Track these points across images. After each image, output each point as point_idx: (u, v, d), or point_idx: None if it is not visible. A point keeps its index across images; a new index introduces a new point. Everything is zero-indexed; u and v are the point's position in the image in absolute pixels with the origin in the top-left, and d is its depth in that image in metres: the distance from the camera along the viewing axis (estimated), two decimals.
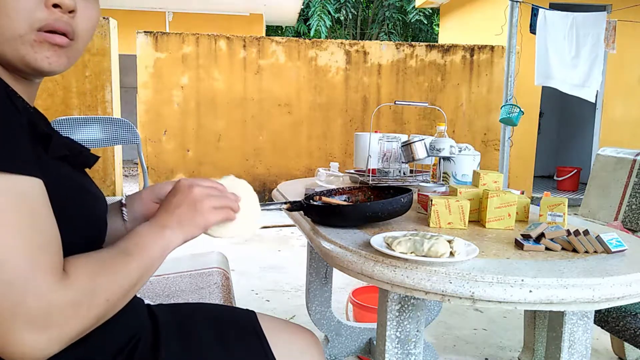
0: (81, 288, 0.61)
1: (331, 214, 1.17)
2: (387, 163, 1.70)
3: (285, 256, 3.71)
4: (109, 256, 0.69)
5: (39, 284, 0.57)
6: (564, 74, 4.30)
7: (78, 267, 0.63)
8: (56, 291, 0.58)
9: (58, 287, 0.58)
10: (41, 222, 0.60)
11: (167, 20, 8.41)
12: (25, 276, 0.56)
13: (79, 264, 0.64)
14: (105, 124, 2.88)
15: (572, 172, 6.63)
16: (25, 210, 0.58)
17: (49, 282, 0.58)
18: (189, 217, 0.78)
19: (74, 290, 0.60)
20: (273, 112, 5.62)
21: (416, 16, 12.56)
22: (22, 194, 0.58)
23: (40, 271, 0.57)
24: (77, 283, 0.61)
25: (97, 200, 0.78)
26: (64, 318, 0.59)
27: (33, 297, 0.56)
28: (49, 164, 0.66)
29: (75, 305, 0.60)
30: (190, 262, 1.67)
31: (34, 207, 0.60)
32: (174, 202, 0.79)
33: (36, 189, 0.60)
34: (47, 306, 0.57)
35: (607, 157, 2.29)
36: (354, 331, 2.00)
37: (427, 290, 0.85)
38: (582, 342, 1.06)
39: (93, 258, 0.67)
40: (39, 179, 0.61)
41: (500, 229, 1.20)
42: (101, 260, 0.67)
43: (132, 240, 0.73)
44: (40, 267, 0.57)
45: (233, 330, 0.95)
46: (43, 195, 0.61)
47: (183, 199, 0.79)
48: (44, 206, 0.61)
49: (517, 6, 4.19)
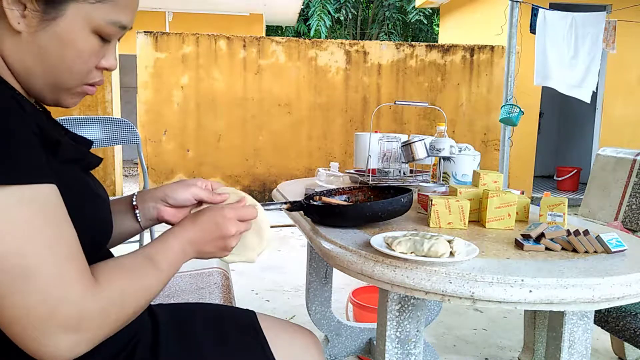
0: (112, 297, 0.64)
1: (331, 214, 1.17)
2: (387, 163, 1.70)
3: (285, 256, 3.71)
4: (139, 266, 0.71)
5: (72, 292, 0.59)
6: (562, 74, 4.30)
7: (110, 276, 0.66)
8: (88, 299, 0.61)
9: (90, 295, 0.61)
10: (64, 228, 0.62)
11: (167, 20, 8.41)
12: (59, 285, 0.59)
13: (110, 273, 0.66)
14: (105, 124, 2.88)
15: (572, 172, 6.63)
16: (50, 219, 0.60)
17: (81, 290, 0.60)
18: (215, 250, 0.83)
19: (105, 299, 0.63)
20: (273, 112, 5.62)
21: (416, 16, 12.56)
22: (45, 202, 0.60)
23: (72, 279, 0.60)
24: (108, 292, 0.64)
25: (103, 202, 0.79)
26: (95, 324, 0.62)
27: (66, 305, 0.59)
28: (57, 168, 0.66)
29: (104, 312, 0.63)
30: (190, 262, 1.67)
31: (57, 213, 0.61)
32: (213, 231, 0.81)
33: (54, 194, 0.62)
34: (80, 313, 0.60)
35: (607, 157, 2.29)
36: (354, 331, 2.00)
37: (427, 290, 0.85)
38: (582, 342, 1.06)
39: (125, 267, 0.69)
40: (54, 184, 0.62)
41: (500, 229, 1.20)
42: (132, 270, 0.70)
43: (163, 253, 0.76)
44: (71, 275, 0.60)
45: (233, 331, 0.95)
46: (60, 200, 0.63)
47: (220, 234, 0.81)
48: (63, 211, 0.63)
49: (517, 6, 4.19)
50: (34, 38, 0.67)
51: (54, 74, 0.70)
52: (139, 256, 0.73)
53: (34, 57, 0.68)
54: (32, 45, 0.68)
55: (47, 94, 0.73)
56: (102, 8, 0.70)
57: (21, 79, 0.70)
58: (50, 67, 0.69)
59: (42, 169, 0.61)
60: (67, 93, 0.74)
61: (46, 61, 0.69)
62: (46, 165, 0.62)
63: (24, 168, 0.59)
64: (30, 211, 0.58)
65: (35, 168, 0.60)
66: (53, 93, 0.73)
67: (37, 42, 0.68)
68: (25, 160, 0.59)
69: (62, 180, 0.65)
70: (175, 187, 0.91)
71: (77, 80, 0.73)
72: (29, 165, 0.59)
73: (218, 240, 0.81)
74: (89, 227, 0.71)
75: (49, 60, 0.69)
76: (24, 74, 0.70)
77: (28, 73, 0.69)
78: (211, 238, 0.81)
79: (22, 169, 0.58)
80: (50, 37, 0.68)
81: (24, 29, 0.67)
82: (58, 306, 0.58)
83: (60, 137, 0.70)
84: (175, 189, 0.91)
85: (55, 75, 0.70)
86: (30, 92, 0.73)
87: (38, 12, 0.66)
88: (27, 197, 0.58)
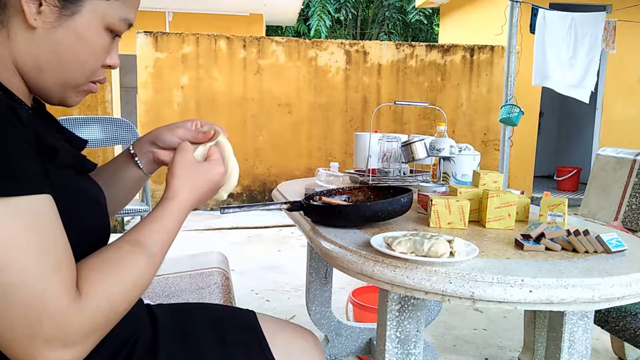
0: (98, 304, 0.62)
1: (331, 214, 1.17)
2: (387, 163, 1.70)
3: (285, 256, 3.71)
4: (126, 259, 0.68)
5: (54, 307, 0.58)
6: (560, 74, 4.30)
7: (94, 282, 0.63)
8: (72, 312, 0.59)
9: (73, 308, 0.59)
10: (54, 239, 0.61)
11: (167, 20, 8.40)
12: (40, 300, 0.57)
13: (95, 278, 0.63)
14: (105, 124, 2.88)
15: (572, 172, 6.63)
16: (39, 231, 0.59)
17: (64, 304, 0.59)
18: (208, 197, 0.83)
19: (90, 309, 0.61)
20: (273, 112, 5.62)
21: (416, 16, 12.56)
22: (35, 214, 0.59)
23: (54, 294, 0.58)
24: (93, 300, 0.62)
25: (100, 207, 0.78)
26: (83, 334, 0.60)
27: (49, 320, 0.57)
28: (53, 174, 0.66)
29: (91, 321, 0.61)
30: (190, 262, 1.67)
31: (47, 225, 0.60)
32: (200, 180, 0.81)
33: (47, 205, 0.61)
34: (64, 327, 0.58)
35: (607, 157, 2.29)
36: (354, 331, 2.00)
37: (427, 290, 0.85)
38: (582, 342, 1.06)
39: (110, 264, 0.66)
40: (48, 193, 0.62)
41: (500, 229, 1.20)
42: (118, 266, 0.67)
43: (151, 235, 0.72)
44: (54, 290, 0.58)
45: (233, 331, 0.95)
46: (53, 210, 0.62)
47: (207, 181, 0.81)
48: (55, 222, 0.62)
49: (517, 6, 4.19)
50: (49, 34, 0.68)
51: (66, 70, 0.71)
52: (126, 245, 0.70)
53: (49, 53, 0.69)
54: (47, 41, 0.68)
55: (55, 92, 0.73)
56: (115, 5, 0.72)
57: (31, 76, 0.70)
58: (64, 63, 0.70)
59: (35, 180, 0.60)
60: (74, 91, 0.75)
61: (61, 57, 0.70)
62: (38, 174, 0.61)
63: (14, 180, 0.58)
64: (16, 225, 0.57)
65: (27, 180, 0.59)
66: (61, 91, 0.74)
67: (52, 38, 0.68)
68: (18, 172, 0.58)
69: (57, 185, 0.64)
70: (163, 131, 0.92)
71: (86, 76, 0.74)
72: (22, 177, 0.59)
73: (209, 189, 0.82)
74: (85, 229, 0.71)
75: (64, 56, 0.70)
76: (34, 72, 0.70)
77: (40, 70, 0.70)
78: (207, 187, 0.82)
79: (7, 182, 0.57)
80: (67, 33, 0.69)
81: (39, 25, 0.67)
82: (39, 322, 0.57)
83: (56, 143, 0.69)
84: (163, 132, 0.92)
85: (67, 71, 0.71)
86: (38, 91, 0.73)
87: (57, 7, 0.67)
88: (16, 209, 0.57)
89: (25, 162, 0.60)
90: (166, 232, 0.74)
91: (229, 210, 1.13)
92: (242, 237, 4.25)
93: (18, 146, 0.59)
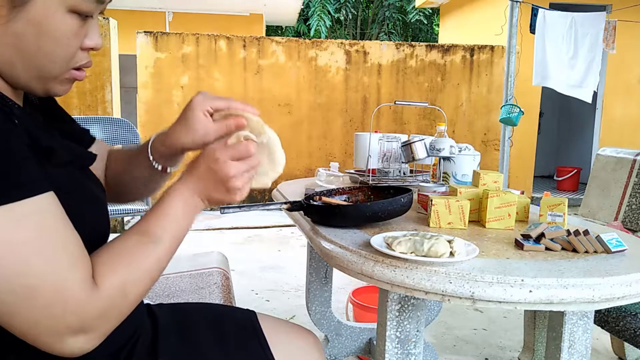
0: (112, 295, 0.65)
1: (331, 214, 1.17)
2: (387, 163, 1.70)
3: (285, 256, 3.71)
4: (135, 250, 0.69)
5: (74, 303, 0.61)
6: (561, 74, 4.30)
7: (108, 274, 0.65)
8: (89, 304, 0.62)
9: (91, 301, 0.62)
10: (64, 236, 0.62)
11: (167, 20, 8.40)
12: (61, 298, 0.60)
13: (108, 270, 0.66)
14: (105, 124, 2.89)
15: (572, 172, 6.63)
16: (48, 231, 0.60)
17: (83, 298, 0.61)
18: (222, 196, 0.77)
19: (105, 300, 0.64)
20: (273, 112, 5.62)
21: (416, 16, 12.56)
22: (41, 214, 0.60)
23: (72, 291, 0.61)
24: (108, 292, 0.64)
25: (100, 204, 0.78)
26: (100, 322, 0.64)
27: (70, 315, 0.61)
28: (52, 172, 0.66)
29: (108, 311, 0.65)
30: (190, 262, 1.67)
31: (55, 223, 0.61)
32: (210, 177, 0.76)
33: (52, 203, 0.62)
34: (83, 318, 0.62)
35: (607, 157, 2.29)
36: (354, 331, 2.00)
37: (427, 290, 0.85)
38: (582, 342, 1.06)
39: (121, 255, 0.68)
40: (51, 191, 0.62)
41: (500, 229, 1.20)
42: (129, 257, 0.68)
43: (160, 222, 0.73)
44: (72, 287, 0.61)
45: (233, 331, 0.95)
46: (58, 207, 0.63)
47: (218, 178, 0.76)
48: (62, 218, 0.63)
49: (517, 6, 4.19)
50: (7, 29, 0.64)
51: (35, 64, 0.67)
52: (134, 235, 0.71)
53: (12, 49, 0.65)
54: (6, 37, 0.64)
55: (34, 85, 0.69)
56: None
57: (6, 72, 0.67)
58: (29, 57, 0.66)
59: (37, 181, 0.60)
60: (54, 81, 0.70)
61: (24, 51, 0.65)
62: (38, 174, 0.61)
63: (10, 186, 0.57)
64: (25, 229, 0.58)
65: (30, 182, 0.59)
66: (40, 83, 0.69)
67: (11, 33, 0.64)
68: (11, 178, 0.58)
69: (56, 184, 0.64)
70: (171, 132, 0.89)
71: (61, 66, 0.69)
72: (24, 180, 0.58)
73: (219, 184, 0.76)
74: (86, 225, 0.71)
75: (27, 49, 0.65)
76: (7, 67, 0.67)
77: (9, 66, 0.66)
78: (212, 184, 0.76)
79: (8, 188, 0.57)
80: (24, 24, 0.64)
81: None
82: (62, 317, 0.60)
83: (52, 141, 0.68)
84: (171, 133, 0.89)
85: (37, 65, 0.67)
86: (18, 86, 0.70)
87: (4, 0, 0.63)
88: (25, 212, 0.58)
89: (24, 164, 0.59)
90: (174, 219, 0.74)
91: (229, 210, 1.13)
92: (242, 237, 4.25)
93: (14, 149, 0.59)
